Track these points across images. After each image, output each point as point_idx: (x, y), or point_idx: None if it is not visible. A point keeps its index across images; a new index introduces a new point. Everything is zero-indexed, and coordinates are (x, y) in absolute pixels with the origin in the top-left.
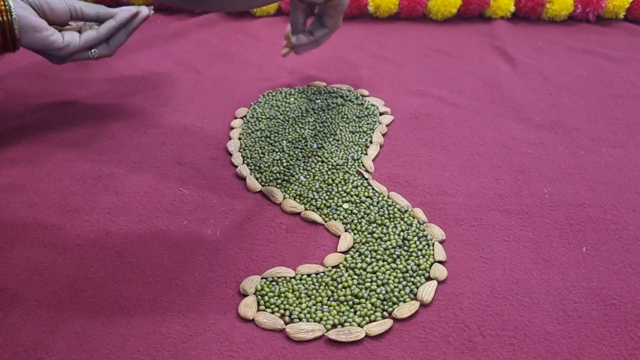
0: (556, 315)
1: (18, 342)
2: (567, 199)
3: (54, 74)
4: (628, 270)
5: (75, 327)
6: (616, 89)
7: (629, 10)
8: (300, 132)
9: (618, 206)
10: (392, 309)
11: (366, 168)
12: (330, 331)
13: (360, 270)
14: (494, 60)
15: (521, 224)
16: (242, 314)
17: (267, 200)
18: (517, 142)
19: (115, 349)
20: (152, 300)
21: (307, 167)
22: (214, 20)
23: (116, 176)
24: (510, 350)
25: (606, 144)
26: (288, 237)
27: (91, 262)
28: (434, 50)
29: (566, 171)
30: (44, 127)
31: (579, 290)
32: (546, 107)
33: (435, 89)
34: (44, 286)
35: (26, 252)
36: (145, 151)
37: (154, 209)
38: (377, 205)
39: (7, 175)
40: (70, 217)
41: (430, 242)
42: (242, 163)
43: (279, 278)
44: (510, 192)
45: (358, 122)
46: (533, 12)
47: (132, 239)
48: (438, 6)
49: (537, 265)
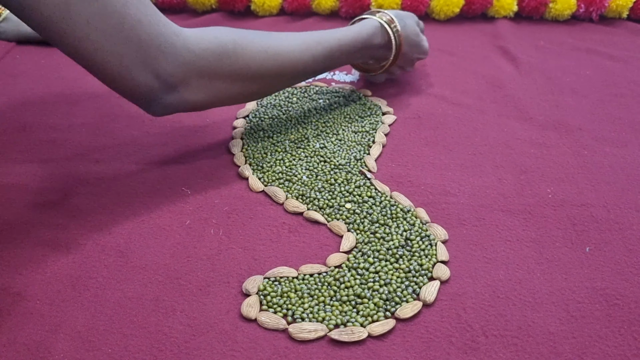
0: (559, 316)
1: (20, 341)
2: (570, 198)
3: (55, 74)
4: (631, 270)
5: (77, 326)
6: (619, 89)
7: (632, 9)
8: (303, 132)
9: (621, 206)
10: (394, 309)
11: (369, 168)
12: (333, 331)
13: (362, 270)
14: (497, 60)
15: (524, 224)
16: (245, 314)
17: (269, 200)
18: (520, 141)
19: (118, 348)
20: (154, 300)
21: (310, 167)
22: (216, 21)
23: (118, 176)
24: (513, 350)
25: (609, 143)
26: (290, 237)
27: (94, 262)
28: (436, 49)
29: (569, 171)
30: (46, 127)
31: (582, 290)
32: (549, 106)
33: (437, 88)
34: (47, 285)
35: (29, 252)
36: (148, 151)
37: (157, 209)
38: (380, 205)
39: (10, 175)
40: (73, 216)
41: (433, 242)
42: (245, 163)
43: (281, 278)
44: (513, 192)
45: (360, 121)
46: (536, 12)
47: (135, 238)
48: (441, 6)
49: (540, 265)
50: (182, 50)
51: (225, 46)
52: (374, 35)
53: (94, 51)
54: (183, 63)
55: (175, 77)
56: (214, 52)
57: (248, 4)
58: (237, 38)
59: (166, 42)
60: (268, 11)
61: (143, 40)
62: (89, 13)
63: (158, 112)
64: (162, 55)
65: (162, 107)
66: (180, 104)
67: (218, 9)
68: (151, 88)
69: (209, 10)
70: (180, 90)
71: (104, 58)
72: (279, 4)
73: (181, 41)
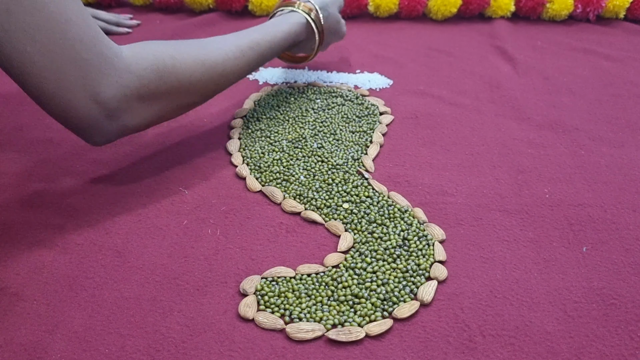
0: (556, 315)
1: (17, 341)
2: (567, 198)
3: None
4: (628, 270)
5: (75, 326)
6: (616, 89)
7: (629, 10)
8: (300, 132)
9: (618, 206)
10: (392, 309)
11: (366, 168)
12: (331, 331)
13: (360, 270)
14: (494, 60)
15: (521, 224)
16: (242, 314)
17: (267, 200)
18: (517, 141)
19: (115, 348)
20: (152, 300)
21: (307, 167)
22: (214, 20)
23: (116, 176)
24: (510, 350)
25: (606, 143)
26: (288, 236)
27: (91, 262)
28: (434, 50)
29: (566, 171)
30: (43, 127)
31: (579, 290)
32: (546, 106)
33: (435, 88)
34: (44, 285)
35: (26, 252)
36: (145, 151)
37: (154, 209)
38: (377, 205)
39: (7, 175)
40: (70, 216)
41: (431, 241)
42: (242, 163)
43: (279, 278)
44: (510, 191)
45: (358, 121)
46: (533, 12)
47: (132, 238)
48: (438, 6)
49: (537, 265)
50: (123, 73)
51: (164, 62)
52: (301, 33)
53: (30, 65)
54: (124, 86)
55: (115, 101)
56: (154, 71)
57: (245, 4)
58: (174, 53)
59: (107, 64)
60: (265, 11)
61: (84, 59)
62: (30, 24)
63: (99, 141)
64: (103, 77)
65: (103, 135)
66: (121, 131)
67: (215, 8)
68: (90, 114)
69: (206, 10)
70: (121, 116)
71: (41, 75)
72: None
73: (122, 63)
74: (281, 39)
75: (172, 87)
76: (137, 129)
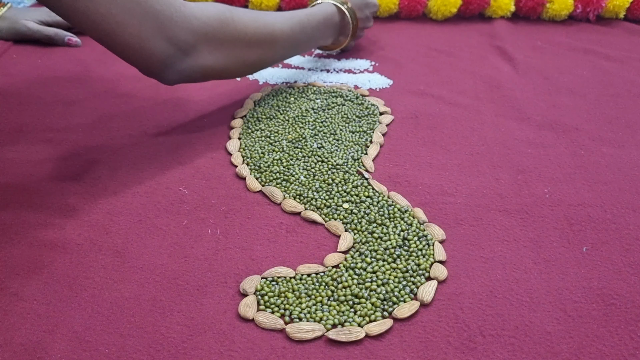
0: (556, 315)
1: (17, 341)
2: (567, 198)
3: (51, 74)
4: (628, 270)
5: (74, 326)
6: (616, 89)
7: (629, 9)
8: (300, 132)
9: (618, 206)
10: (392, 309)
11: (366, 168)
12: (330, 331)
13: (360, 270)
14: (494, 60)
15: (521, 224)
16: (242, 314)
17: (267, 200)
18: (517, 141)
19: (115, 348)
20: (151, 300)
21: (307, 167)
22: None
23: (116, 176)
24: (510, 350)
25: (606, 143)
26: (288, 236)
27: (91, 262)
28: (434, 50)
29: (566, 171)
30: (43, 127)
31: (579, 290)
32: (546, 106)
33: (435, 88)
34: (44, 285)
35: (26, 252)
36: (145, 151)
37: (154, 209)
38: (377, 205)
39: (6, 175)
40: (70, 216)
41: (431, 241)
42: (242, 163)
43: (278, 278)
44: (510, 191)
45: (358, 121)
46: (533, 12)
47: (132, 238)
48: (438, 6)
49: (537, 265)
50: (191, 18)
51: (224, 14)
52: (334, 14)
53: (116, 25)
54: (193, 30)
55: (187, 42)
56: (217, 19)
57: (245, 4)
58: (232, 9)
59: (177, 12)
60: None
61: (158, 11)
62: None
63: (173, 78)
64: (175, 23)
65: (177, 73)
66: (192, 69)
67: None
68: (167, 54)
69: None
70: (192, 55)
71: (125, 31)
72: (277, 4)
73: (188, 11)
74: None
75: (233, 36)
76: (205, 70)
